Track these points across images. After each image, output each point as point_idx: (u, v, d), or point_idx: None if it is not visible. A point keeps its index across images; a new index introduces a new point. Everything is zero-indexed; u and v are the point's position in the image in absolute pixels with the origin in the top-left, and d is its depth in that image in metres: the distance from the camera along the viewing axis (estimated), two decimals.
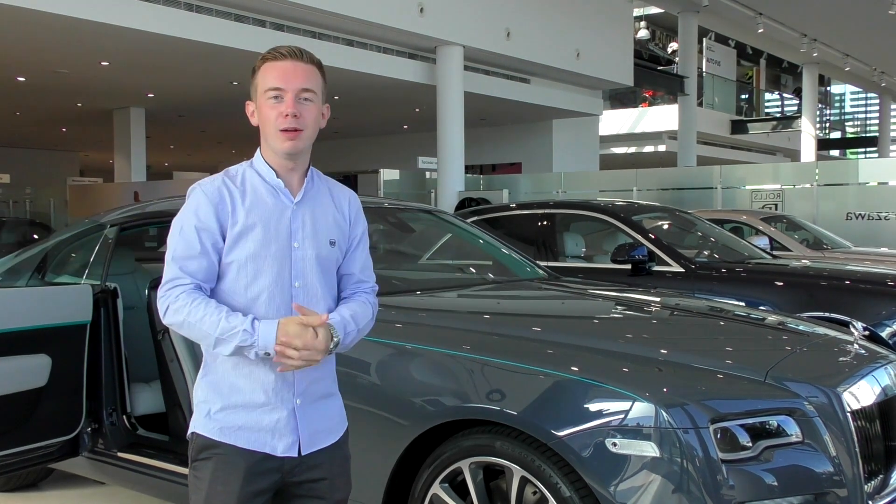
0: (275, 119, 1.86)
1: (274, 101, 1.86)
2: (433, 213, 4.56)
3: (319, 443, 1.93)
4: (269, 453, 1.87)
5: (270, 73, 1.88)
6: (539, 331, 2.92)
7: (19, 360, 3.12)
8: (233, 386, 1.87)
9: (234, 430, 1.86)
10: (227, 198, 1.86)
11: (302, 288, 1.89)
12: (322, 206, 1.97)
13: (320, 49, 12.35)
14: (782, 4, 18.24)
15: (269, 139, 1.89)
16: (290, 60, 1.89)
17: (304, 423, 1.90)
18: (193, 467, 1.90)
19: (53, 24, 9.95)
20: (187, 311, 1.79)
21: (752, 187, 12.82)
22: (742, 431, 2.26)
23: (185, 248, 1.83)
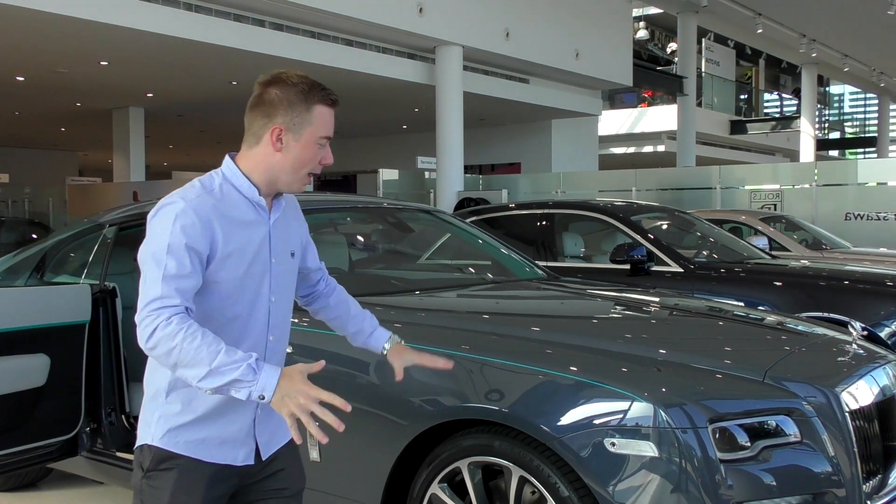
0: (313, 162, 1.88)
1: (319, 147, 1.88)
2: (432, 213, 4.56)
3: (275, 444, 1.96)
4: (230, 464, 1.87)
5: (326, 119, 1.87)
6: (538, 331, 2.92)
7: (18, 360, 3.12)
8: (201, 399, 1.83)
9: (196, 443, 1.84)
10: (214, 217, 1.79)
11: (276, 302, 1.92)
12: (285, 219, 1.98)
13: (319, 49, 12.39)
14: (781, 5, 18.25)
15: (292, 175, 1.87)
16: (335, 109, 1.90)
17: (261, 430, 1.92)
18: (149, 476, 1.85)
19: (53, 24, 9.95)
20: (182, 338, 1.65)
21: (751, 187, 12.83)
22: (740, 431, 2.26)
23: (178, 267, 1.71)
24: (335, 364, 2.82)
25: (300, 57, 12.07)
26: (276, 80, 1.86)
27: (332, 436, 2.76)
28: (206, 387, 1.67)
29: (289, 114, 1.83)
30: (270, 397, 1.65)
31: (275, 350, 1.93)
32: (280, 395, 1.65)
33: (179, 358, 1.66)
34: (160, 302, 1.68)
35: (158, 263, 1.71)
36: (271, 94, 1.84)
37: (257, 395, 1.65)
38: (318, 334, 2.88)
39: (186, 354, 1.65)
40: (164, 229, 1.74)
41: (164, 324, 1.66)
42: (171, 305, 1.69)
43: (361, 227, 4.53)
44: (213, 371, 1.65)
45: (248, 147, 1.89)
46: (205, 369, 1.65)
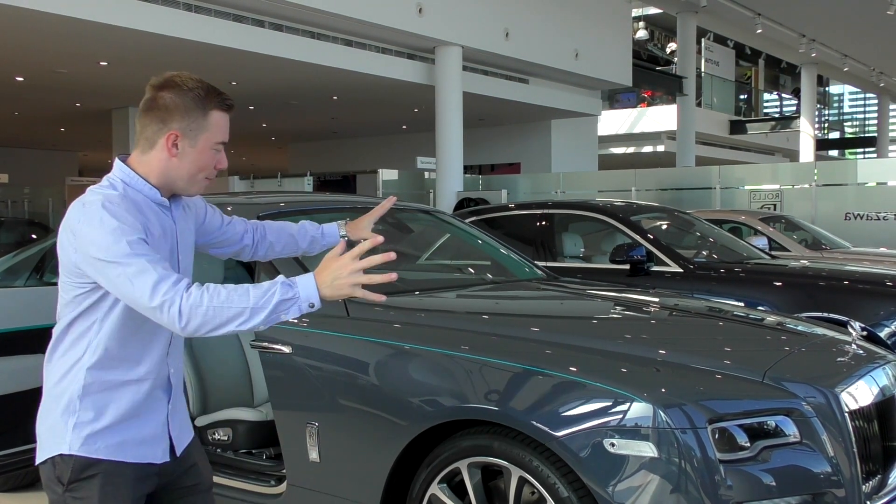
0: (209, 168, 1.88)
1: (215, 152, 1.88)
2: (432, 214, 4.56)
3: (185, 439, 2.00)
4: (151, 462, 1.89)
5: (222, 124, 1.88)
6: (537, 331, 2.92)
7: (18, 361, 3.13)
8: (114, 404, 1.83)
9: (115, 446, 1.83)
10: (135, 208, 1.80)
11: None
12: (185, 214, 2.00)
13: (319, 49, 12.38)
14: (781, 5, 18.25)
15: (188, 179, 1.86)
16: (230, 114, 1.91)
17: (173, 426, 1.95)
18: (72, 489, 1.81)
19: (52, 24, 9.95)
20: (207, 299, 1.66)
21: (751, 187, 12.84)
22: (740, 432, 2.26)
23: (150, 251, 1.73)
24: (335, 365, 2.82)
25: (299, 57, 12.07)
26: (171, 85, 1.83)
27: (331, 436, 2.77)
28: (259, 324, 1.68)
29: (185, 119, 1.82)
30: (319, 299, 1.69)
31: (176, 345, 1.97)
32: (328, 286, 1.69)
33: (218, 317, 1.67)
34: (164, 283, 1.68)
35: (131, 258, 1.69)
36: (165, 98, 1.82)
37: (307, 305, 1.69)
38: (317, 335, 2.89)
39: (222, 311, 1.66)
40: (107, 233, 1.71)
41: (185, 297, 1.67)
42: (174, 280, 1.69)
43: None
44: (256, 308, 1.67)
45: (142, 152, 1.86)
46: (247, 312, 1.67)
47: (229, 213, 3.29)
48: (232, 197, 3.81)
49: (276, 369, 2.91)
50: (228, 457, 3.20)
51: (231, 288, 1.69)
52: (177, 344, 1.97)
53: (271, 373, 2.92)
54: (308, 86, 14.36)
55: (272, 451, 3.16)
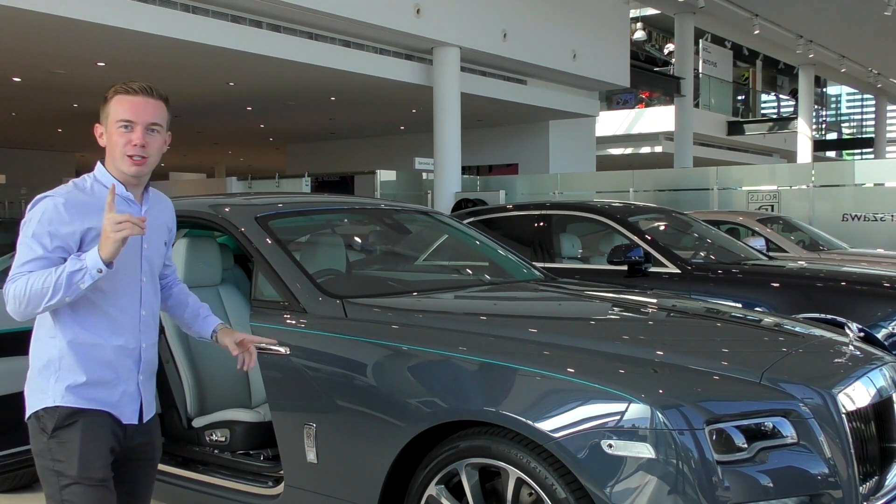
0: (122, 146, 2.15)
1: (123, 129, 2.15)
2: (430, 215, 4.56)
3: (151, 411, 2.31)
4: (117, 418, 2.19)
5: (122, 105, 2.16)
6: (535, 332, 2.92)
7: (16, 361, 3.12)
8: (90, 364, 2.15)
9: (93, 399, 2.15)
10: (80, 209, 2.11)
11: (147, 283, 2.27)
12: (157, 213, 2.33)
13: (317, 50, 12.37)
14: (778, 6, 18.27)
15: (116, 161, 2.18)
16: (141, 96, 2.17)
17: (145, 395, 2.27)
18: (55, 435, 2.13)
19: (49, 25, 9.94)
20: (23, 284, 2.03)
21: (749, 188, 12.85)
22: (737, 433, 2.26)
23: (39, 249, 2.07)
24: (332, 366, 2.82)
25: (297, 58, 12.07)
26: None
27: (330, 437, 2.77)
28: (65, 296, 2.02)
29: (101, 113, 2.20)
30: (101, 261, 2.00)
31: (147, 323, 2.27)
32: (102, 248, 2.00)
33: (31, 298, 2.02)
34: (13, 278, 2.06)
35: (26, 247, 2.09)
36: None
37: (96, 271, 2.01)
38: (315, 336, 2.89)
39: (32, 292, 2.02)
40: (32, 219, 2.10)
41: (13, 285, 2.05)
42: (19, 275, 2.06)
43: (359, 228, 4.54)
44: (57, 285, 2.01)
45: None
46: (49, 290, 2.01)
47: (227, 213, 3.32)
48: (229, 198, 3.81)
49: (274, 370, 2.91)
50: (226, 458, 3.20)
51: (39, 272, 2.04)
52: (147, 322, 2.26)
53: (269, 374, 2.92)
54: (306, 86, 14.36)
55: (269, 452, 3.16)
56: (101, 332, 2.16)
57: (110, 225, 1.98)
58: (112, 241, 1.98)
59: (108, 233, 1.99)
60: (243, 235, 3.20)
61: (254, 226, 3.23)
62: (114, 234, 1.98)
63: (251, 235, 3.19)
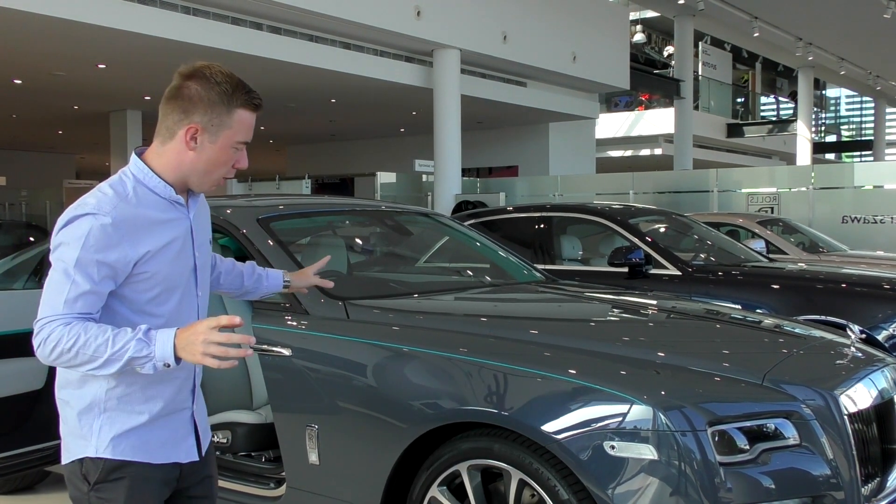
0: (226, 166, 1.82)
1: (235, 151, 1.82)
2: (430, 216, 4.56)
3: (206, 439, 1.98)
4: (175, 461, 1.86)
5: (247, 124, 1.82)
6: (536, 333, 2.92)
7: (17, 363, 3.12)
8: (141, 403, 1.81)
9: (141, 446, 1.81)
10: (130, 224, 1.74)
11: (202, 297, 1.94)
12: (201, 213, 1.97)
13: (317, 52, 12.39)
14: (778, 8, 18.29)
15: (202, 175, 1.81)
16: (257, 113, 1.85)
17: (200, 423, 1.95)
18: (97, 489, 1.80)
19: (50, 27, 9.94)
20: (67, 338, 1.65)
21: (748, 191, 12.84)
22: (739, 434, 2.26)
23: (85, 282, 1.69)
24: (334, 367, 2.82)
25: (298, 60, 12.08)
26: (199, 75, 1.79)
27: (332, 438, 2.77)
28: (109, 372, 1.67)
29: (208, 114, 1.77)
30: (174, 359, 1.66)
31: None
32: (182, 349, 1.65)
33: (72, 358, 1.66)
34: (57, 318, 1.68)
35: (67, 277, 1.69)
36: (192, 89, 1.78)
37: (162, 365, 1.66)
38: (317, 337, 2.89)
39: (77, 354, 1.65)
40: (72, 242, 1.70)
41: (46, 336, 1.67)
42: (63, 313, 1.68)
43: (359, 229, 4.54)
44: (109, 360, 1.65)
45: (161, 142, 1.82)
46: (100, 361, 1.65)
47: (228, 214, 3.31)
48: (231, 199, 3.81)
49: (276, 372, 2.91)
50: (227, 459, 3.20)
51: (94, 333, 1.66)
52: None
53: (271, 375, 2.92)
54: (306, 89, 14.36)
55: (271, 453, 3.16)
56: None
57: (204, 344, 1.63)
58: (199, 354, 1.64)
59: (197, 346, 1.63)
60: (245, 237, 3.20)
61: (255, 227, 3.23)
62: (203, 358, 1.63)
63: (253, 237, 3.19)
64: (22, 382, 3.15)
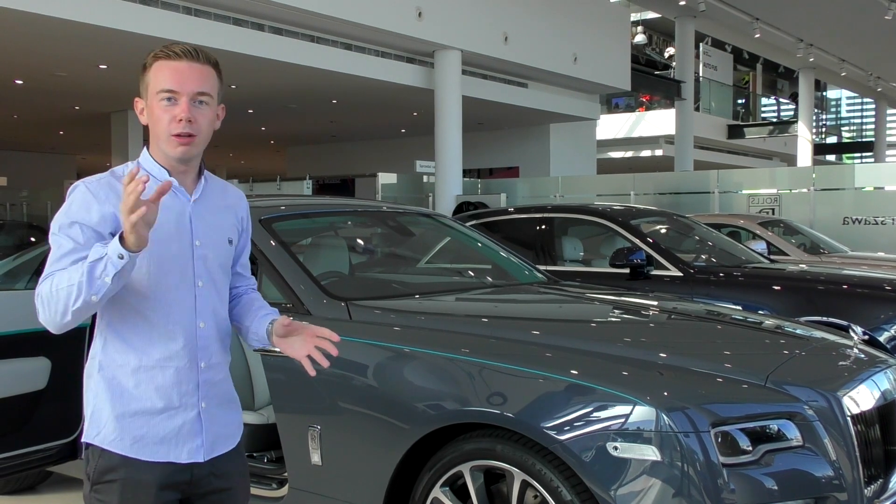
0: (167, 123, 1.77)
1: (167, 103, 1.77)
2: (432, 217, 4.56)
3: (220, 448, 1.87)
4: (173, 461, 1.80)
5: (163, 72, 1.78)
6: (538, 334, 2.92)
7: (19, 363, 3.12)
8: (131, 393, 1.78)
9: (133, 441, 1.77)
10: (114, 197, 1.73)
11: (206, 288, 1.86)
12: (218, 204, 1.92)
13: (318, 53, 12.38)
14: (779, 10, 18.29)
15: (160, 141, 1.80)
16: (186, 61, 1.78)
17: (209, 427, 1.84)
18: (96, 490, 1.78)
19: (51, 28, 9.95)
20: (49, 286, 1.67)
21: (749, 192, 12.84)
22: (742, 435, 2.26)
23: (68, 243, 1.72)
24: (337, 368, 2.82)
25: (299, 61, 12.08)
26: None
27: (335, 439, 2.77)
28: (91, 294, 1.63)
29: (140, 82, 1.82)
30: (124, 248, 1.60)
31: (207, 336, 1.85)
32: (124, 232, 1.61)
33: (57, 302, 1.65)
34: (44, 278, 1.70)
35: (54, 242, 1.74)
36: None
37: (117, 257, 1.61)
38: None
39: (57, 294, 1.65)
40: (61, 210, 1.78)
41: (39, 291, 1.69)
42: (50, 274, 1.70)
43: (361, 230, 4.54)
44: (81, 282, 1.63)
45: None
46: (74, 288, 1.64)
47: None
48: None
49: (279, 372, 2.91)
50: None
51: (71, 269, 1.67)
52: (209, 336, 1.86)
53: (273, 376, 2.92)
54: (307, 89, 14.36)
55: (273, 454, 3.16)
56: (145, 349, 1.78)
57: (124, 208, 1.60)
58: (129, 224, 1.59)
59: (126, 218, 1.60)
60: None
61: (258, 228, 3.23)
62: (130, 218, 1.58)
63: (255, 237, 3.18)
64: (24, 383, 3.15)
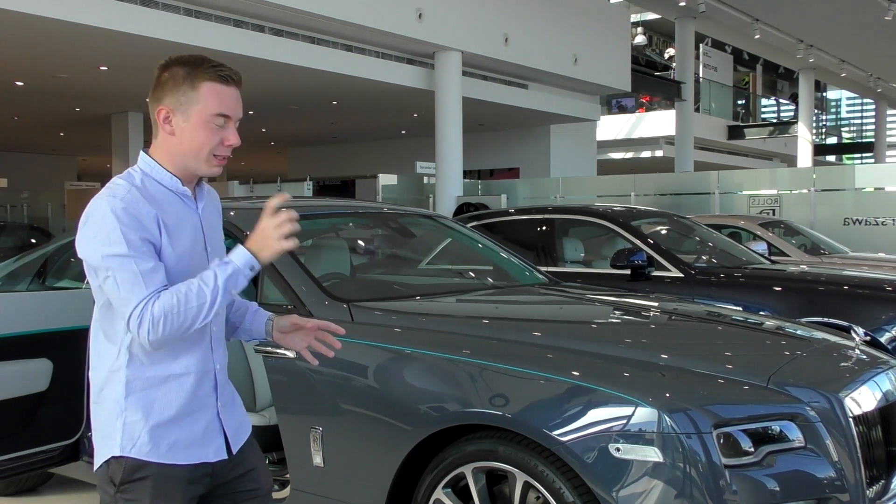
0: (214, 144, 1.81)
1: (217, 127, 1.81)
2: (433, 219, 4.56)
3: (241, 438, 1.97)
4: (203, 461, 1.85)
5: (217, 96, 1.81)
6: (539, 335, 2.93)
7: (21, 365, 3.12)
8: (162, 403, 1.81)
9: (166, 448, 1.81)
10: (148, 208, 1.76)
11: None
12: (211, 207, 1.97)
13: (319, 54, 12.39)
14: (779, 10, 18.29)
15: (193, 159, 1.81)
16: (233, 87, 1.84)
17: (228, 421, 1.92)
18: (123, 490, 1.80)
19: (52, 29, 9.95)
20: (168, 309, 1.69)
21: (750, 192, 12.84)
22: (744, 437, 2.26)
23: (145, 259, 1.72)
24: (338, 369, 2.82)
25: (299, 62, 12.08)
26: (169, 63, 1.85)
27: (336, 440, 2.77)
28: (218, 308, 1.73)
29: (175, 94, 1.80)
30: (254, 259, 1.73)
31: (219, 340, 1.92)
32: (261, 249, 1.73)
33: (182, 322, 1.70)
34: (147, 298, 1.70)
35: (127, 263, 1.70)
36: (162, 76, 1.84)
37: (249, 270, 1.73)
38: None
39: (184, 314, 1.70)
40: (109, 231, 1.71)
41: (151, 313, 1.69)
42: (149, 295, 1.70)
43: (362, 232, 4.54)
44: (213, 300, 1.71)
45: (154, 137, 1.86)
46: (206, 306, 1.71)
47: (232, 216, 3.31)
48: (234, 201, 3.82)
49: (280, 374, 2.91)
50: None
51: (184, 288, 1.71)
52: (219, 338, 1.92)
53: (275, 377, 2.92)
54: (308, 91, 14.36)
55: (275, 455, 3.16)
56: (169, 357, 1.81)
57: (272, 229, 1.70)
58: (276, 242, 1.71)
59: (271, 239, 1.70)
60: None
61: None
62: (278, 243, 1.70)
63: None
64: (26, 384, 3.15)
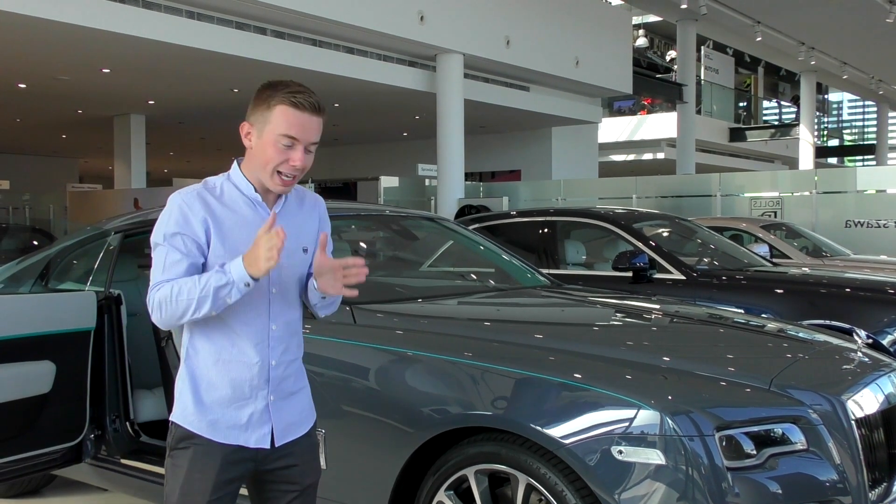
0: (279, 162, 1.96)
1: (284, 147, 1.95)
2: (435, 221, 4.56)
3: (291, 435, 2.08)
4: (242, 445, 2.00)
5: (288, 119, 1.94)
6: (541, 338, 2.93)
7: (23, 367, 3.13)
8: (210, 381, 1.99)
9: (209, 423, 1.98)
10: (206, 208, 1.97)
11: (278, 294, 2.04)
12: (296, 216, 2.10)
13: (321, 57, 12.40)
14: (780, 13, 18.29)
15: (262, 172, 1.99)
16: (308, 114, 1.96)
17: (278, 417, 2.04)
18: (172, 455, 2.02)
19: (55, 32, 9.97)
20: (167, 295, 1.89)
21: (751, 195, 12.84)
22: (747, 439, 2.26)
23: (173, 253, 1.93)
24: (340, 371, 2.83)
25: (301, 65, 12.09)
26: (263, 85, 2.01)
27: (339, 443, 2.77)
28: (209, 310, 1.89)
29: (256, 112, 1.98)
30: (249, 275, 1.86)
31: (279, 339, 2.04)
32: (252, 265, 1.85)
33: (174, 310, 1.89)
34: (158, 285, 1.93)
35: (160, 251, 1.95)
36: (256, 96, 2.01)
37: (244, 285, 1.88)
38: (321, 341, 2.89)
39: (175, 304, 1.89)
40: (161, 221, 1.97)
41: (154, 296, 1.92)
42: (163, 282, 1.92)
43: (364, 234, 4.54)
44: (201, 298, 1.87)
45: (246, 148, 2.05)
46: (194, 303, 1.88)
47: None
48: None
49: None
50: None
51: (184, 282, 1.89)
52: (280, 338, 2.04)
53: None
54: None
55: None
56: (224, 346, 1.98)
57: (264, 249, 1.82)
58: (264, 260, 1.83)
59: (261, 257, 1.83)
60: None
61: None
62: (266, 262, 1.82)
63: None
64: (28, 386, 3.16)
